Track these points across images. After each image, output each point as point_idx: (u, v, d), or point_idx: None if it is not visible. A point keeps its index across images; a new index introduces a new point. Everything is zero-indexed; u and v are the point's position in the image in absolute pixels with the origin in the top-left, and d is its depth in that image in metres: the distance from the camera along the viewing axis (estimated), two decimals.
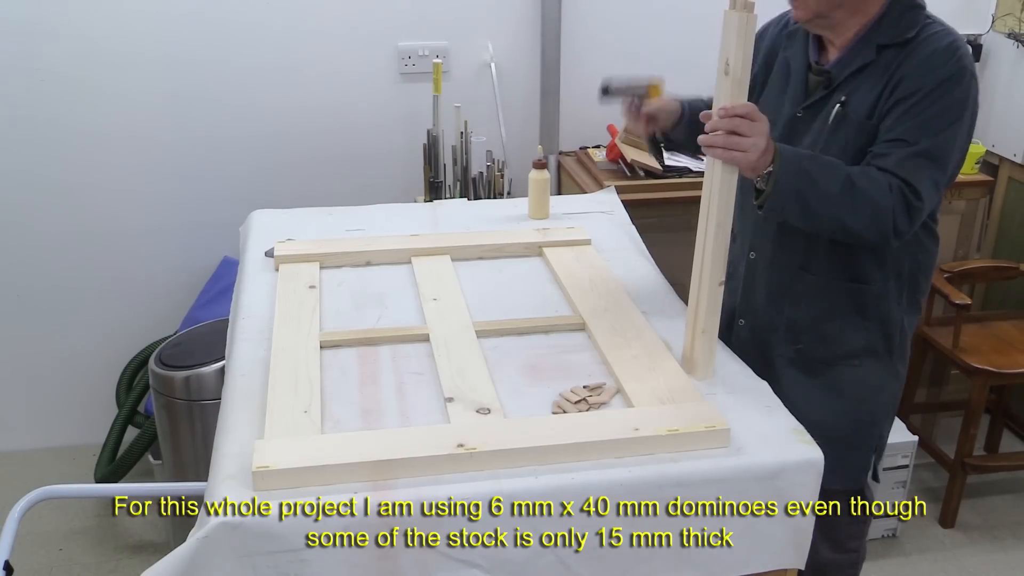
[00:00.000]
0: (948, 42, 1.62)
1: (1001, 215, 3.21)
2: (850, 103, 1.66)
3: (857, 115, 1.65)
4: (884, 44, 1.64)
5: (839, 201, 1.55)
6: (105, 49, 2.74)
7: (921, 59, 1.60)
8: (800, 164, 1.55)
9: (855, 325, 1.77)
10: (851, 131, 1.65)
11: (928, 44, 1.62)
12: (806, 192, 1.55)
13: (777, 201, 1.56)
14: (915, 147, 1.58)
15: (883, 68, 1.64)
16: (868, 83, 1.65)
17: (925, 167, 1.58)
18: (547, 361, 1.60)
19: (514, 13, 2.94)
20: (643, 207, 2.51)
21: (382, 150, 3.00)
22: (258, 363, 1.57)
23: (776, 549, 1.38)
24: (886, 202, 1.56)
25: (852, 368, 1.78)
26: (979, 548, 2.73)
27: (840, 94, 1.68)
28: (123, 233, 2.93)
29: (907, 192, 1.57)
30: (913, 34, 1.63)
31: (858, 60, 1.66)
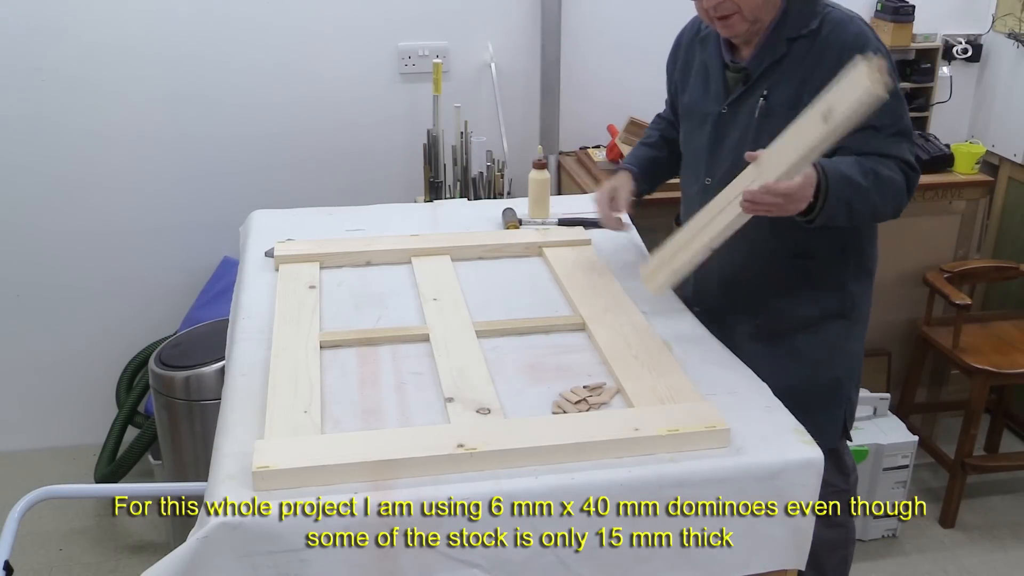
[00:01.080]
0: (855, 28, 1.72)
1: (1001, 215, 3.21)
2: (772, 96, 1.76)
3: (781, 107, 1.74)
4: (792, 37, 1.74)
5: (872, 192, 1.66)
6: (105, 49, 2.74)
7: (837, 52, 1.68)
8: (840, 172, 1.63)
9: (807, 297, 1.85)
10: (778, 122, 1.71)
11: (838, 33, 1.71)
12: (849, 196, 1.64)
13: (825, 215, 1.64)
14: (884, 131, 1.69)
15: (798, 60, 1.74)
16: (786, 76, 1.75)
17: (902, 142, 1.73)
18: (547, 361, 1.60)
19: (514, 13, 2.94)
20: (643, 207, 2.50)
21: (382, 150, 3.00)
22: (258, 363, 1.57)
23: (776, 549, 1.38)
24: (899, 178, 1.70)
25: (811, 335, 1.85)
26: (979, 548, 2.73)
27: (761, 88, 1.77)
28: (123, 233, 2.93)
29: (906, 168, 1.72)
30: (817, 23, 1.73)
31: (771, 55, 1.76)
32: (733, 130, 1.82)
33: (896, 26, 3.01)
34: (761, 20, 1.74)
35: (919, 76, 3.11)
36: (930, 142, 2.98)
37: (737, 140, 1.81)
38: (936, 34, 3.14)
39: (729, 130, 1.83)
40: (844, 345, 1.90)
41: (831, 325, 1.87)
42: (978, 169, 2.99)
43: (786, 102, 1.73)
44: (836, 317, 1.87)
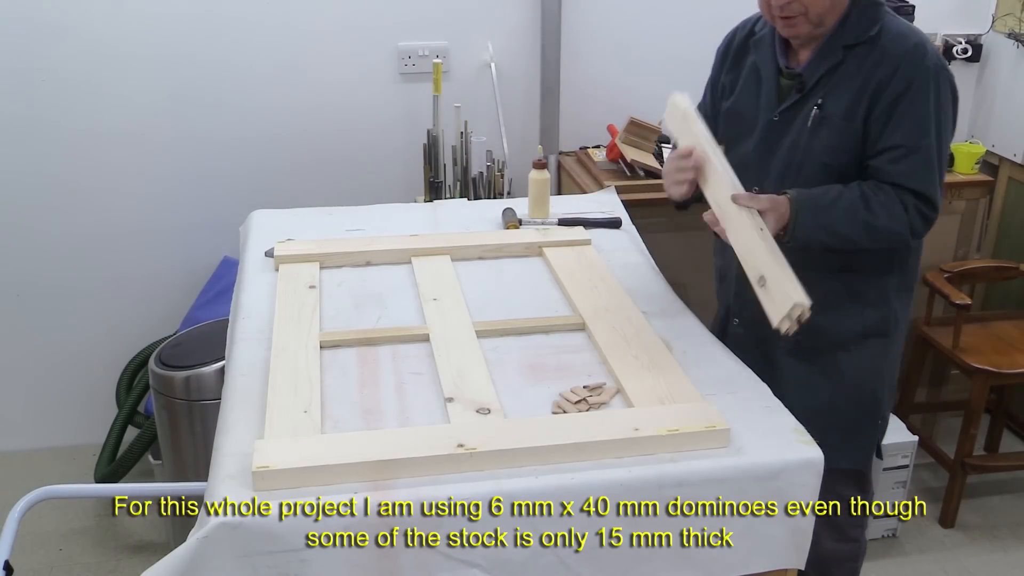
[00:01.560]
0: (915, 42, 1.68)
1: (1001, 215, 3.21)
2: (827, 105, 1.72)
3: (836, 116, 1.71)
4: (850, 44, 1.70)
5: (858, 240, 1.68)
6: (105, 49, 2.74)
7: (896, 62, 1.66)
8: (817, 220, 1.66)
9: (850, 312, 1.82)
10: (831, 132, 1.71)
11: (897, 45, 1.68)
12: (826, 240, 1.68)
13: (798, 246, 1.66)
14: (917, 152, 1.65)
15: (855, 68, 1.70)
16: (842, 84, 1.71)
17: (931, 170, 1.67)
18: (547, 361, 1.60)
19: (514, 13, 2.94)
20: (643, 207, 2.51)
21: (382, 150, 3.00)
22: (258, 363, 1.57)
23: (776, 549, 1.38)
24: (902, 227, 1.68)
25: (850, 353, 1.82)
26: (979, 548, 2.73)
27: (816, 96, 1.73)
28: (123, 233, 2.93)
29: (921, 205, 1.68)
30: (876, 31, 1.69)
31: (828, 62, 1.72)
32: (785, 139, 1.77)
33: None
34: (825, 24, 1.69)
35: None
36: None
37: (788, 149, 1.77)
38: (936, 34, 3.14)
39: (781, 138, 1.78)
40: (882, 364, 1.87)
41: (871, 343, 1.84)
42: (978, 169, 2.98)
43: (841, 112, 1.70)
44: (877, 335, 1.84)
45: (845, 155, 1.71)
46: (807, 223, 1.66)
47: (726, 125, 1.91)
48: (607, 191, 2.48)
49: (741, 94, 1.86)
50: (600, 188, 2.62)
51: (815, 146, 1.73)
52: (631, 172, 2.75)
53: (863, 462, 1.92)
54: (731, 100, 1.89)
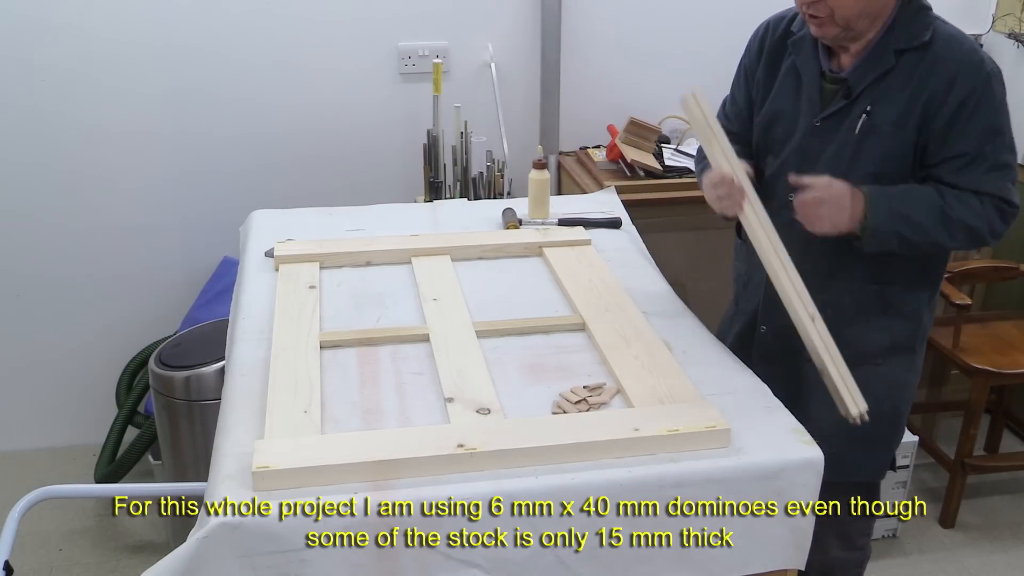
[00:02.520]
0: (969, 47, 1.64)
1: None
2: (876, 112, 1.66)
3: (886, 124, 1.65)
4: (902, 49, 1.64)
5: (936, 231, 1.63)
6: (105, 49, 2.74)
7: (953, 70, 1.62)
8: (892, 206, 1.62)
9: (879, 324, 1.78)
10: (881, 140, 1.66)
11: (950, 50, 1.63)
12: (903, 231, 1.63)
13: (875, 243, 1.64)
14: (987, 160, 1.63)
15: (906, 74, 1.64)
16: (892, 90, 1.65)
17: (1005, 174, 1.65)
18: (547, 361, 1.60)
19: (514, 13, 2.94)
20: (643, 207, 2.51)
21: (382, 150, 3.00)
22: (258, 363, 1.57)
23: (776, 549, 1.38)
24: (980, 222, 1.64)
25: (877, 367, 1.78)
26: (979, 548, 2.73)
27: (864, 103, 1.67)
28: (123, 233, 2.93)
29: (1000, 203, 1.65)
30: (928, 37, 1.64)
31: (878, 67, 1.66)
32: (828, 146, 1.71)
33: None
34: (854, 29, 1.64)
35: None
36: None
37: (832, 158, 1.70)
38: None
39: (824, 146, 1.71)
40: (906, 378, 1.84)
41: (898, 358, 1.81)
42: None
43: (893, 120, 1.64)
44: (904, 350, 1.81)
45: (894, 165, 1.67)
46: (881, 211, 1.60)
47: (762, 130, 1.83)
48: (607, 191, 2.47)
49: (777, 97, 1.79)
50: (600, 188, 2.62)
51: (863, 155, 1.67)
52: (631, 172, 2.75)
53: (878, 474, 1.91)
54: (767, 103, 1.81)
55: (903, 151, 1.66)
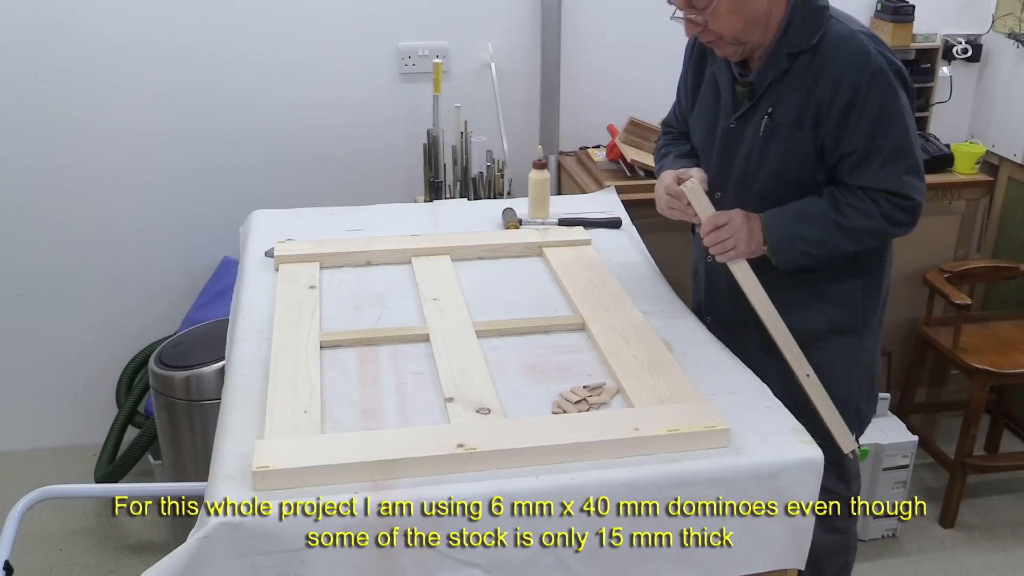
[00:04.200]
0: (856, 44, 1.67)
1: (1001, 215, 3.21)
2: (776, 113, 1.73)
3: (785, 124, 1.72)
4: (794, 52, 1.70)
5: (838, 243, 1.72)
6: (105, 48, 2.74)
7: (838, 70, 1.66)
8: (789, 230, 1.72)
9: (816, 310, 1.83)
10: (781, 140, 1.74)
11: (839, 49, 1.67)
12: (807, 250, 1.73)
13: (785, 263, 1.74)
14: (880, 154, 1.68)
15: (800, 75, 1.70)
16: (789, 92, 1.72)
17: (897, 168, 1.69)
18: (547, 361, 1.60)
19: (514, 13, 2.94)
20: (643, 207, 2.50)
21: (382, 150, 3.00)
22: (258, 363, 1.57)
23: (776, 549, 1.38)
24: (878, 222, 1.71)
25: (820, 350, 1.80)
26: (979, 548, 2.73)
27: (766, 104, 1.75)
28: (123, 233, 2.93)
29: (896, 199, 1.70)
30: (819, 38, 1.69)
31: (774, 70, 1.72)
32: (741, 145, 1.80)
33: (896, 26, 3.01)
34: (749, 41, 1.70)
35: (919, 76, 3.11)
36: (930, 142, 2.98)
37: (744, 156, 1.79)
38: (936, 34, 3.14)
39: (737, 145, 1.80)
40: (855, 360, 1.88)
41: (841, 340, 1.85)
42: (978, 169, 2.98)
43: (790, 120, 1.71)
44: (846, 332, 1.85)
45: (797, 163, 1.73)
46: (780, 236, 1.71)
47: (692, 129, 1.95)
48: (607, 191, 2.47)
49: (703, 102, 1.89)
50: (600, 188, 2.62)
51: (768, 154, 1.75)
52: (631, 172, 2.75)
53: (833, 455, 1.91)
54: (695, 106, 1.92)
55: (803, 150, 1.72)
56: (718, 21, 1.65)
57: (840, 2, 1.78)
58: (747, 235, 1.71)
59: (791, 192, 1.75)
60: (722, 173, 1.83)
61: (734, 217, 1.71)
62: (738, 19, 1.65)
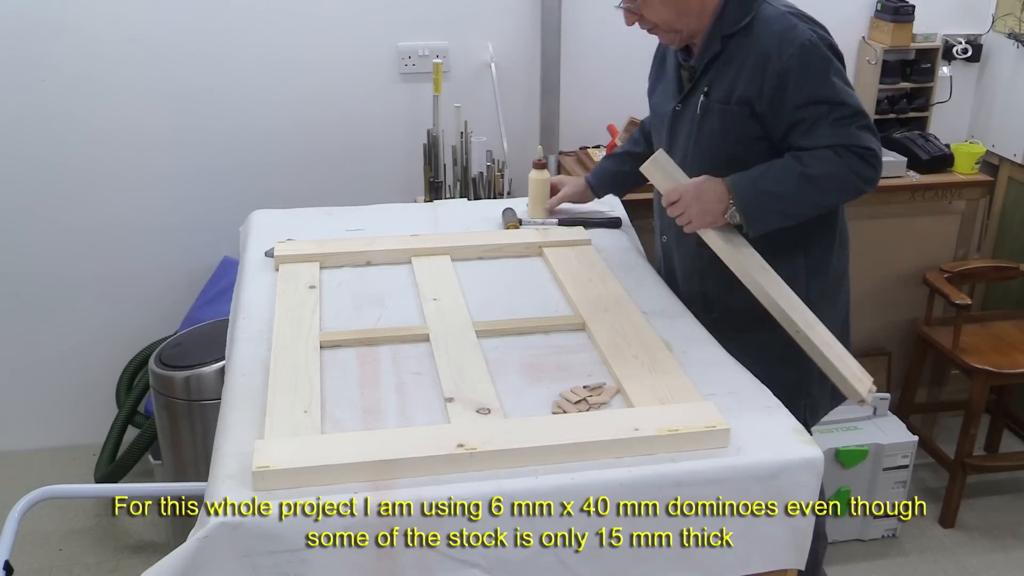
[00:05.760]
0: (784, 23, 1.74)
1: (1001, 215, 3.21)
2: (711, 93, 1.81)
3: (718, 102, 1.79)
4: (727, 34, 1.78)
5: (806, 195, 1.73)
6: (104, 48, 2.74)
7: (767, 46, 1.73)
8: (756, 188, 1.73)
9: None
10: (715, 117, 1.80)
11: (767, 29, 1.74)
12: (775, 206, 1.74)
13: (756, 226, 1.74)
14: (827, 118, 1.71)
15: (731, 55, 1.78)
16: (721, 72, 1.80)
17: (847, 124, 1.72)
18: (547, 361, 1.60)
19: (514, 13, 2.94)
20: (643, 207, 2.51)
21: (382, 150, 3.00)
22: (258, 363, 1.57)
23: (776, 549, 1.38)
24: (842, 171, 1.72)
25: (767, 332, 1.76)
26: (979, 548, 2.73)
27: (703, 85, 1.82)
28: (123, 232, 2.93)
29: (855, 150, 1.72)
30: (749, 20, 1.76)
31: (710, 52, 1.80)
32: (683, 126, 1.88)
33: (896, 26, 3.01)
34: (684, 30, 1.78)
35: (919, 76, 3.11)
36: (930, 142, 2.98)
37: (685, 135, 1.87)
38: (936, 34, 3.14)
39: (681, 126, 1.88)
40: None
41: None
42: (978, 169, 2.98)
43: (722, 98, 1.78)
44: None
45: (732, 138, 1.79)
46: (746, 195, 1.72)
47: (651, 120, 2.06)
48: None
49: (659, 91, 1.98)
50: None
51: (703, 131, 1.82)
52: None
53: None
54: (653, 97, 2.02)
55: (737, 126, 1.78)
56: (650, 10, 1.76)
57: (840, 2, 1.79)
58: (699, 209, 1.73)
59: (732, 170, 1.77)
60: (671, 154, 1.87)
61: (685, 192, 1.74)
62: (669, 8, 1.76)
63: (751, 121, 1.77)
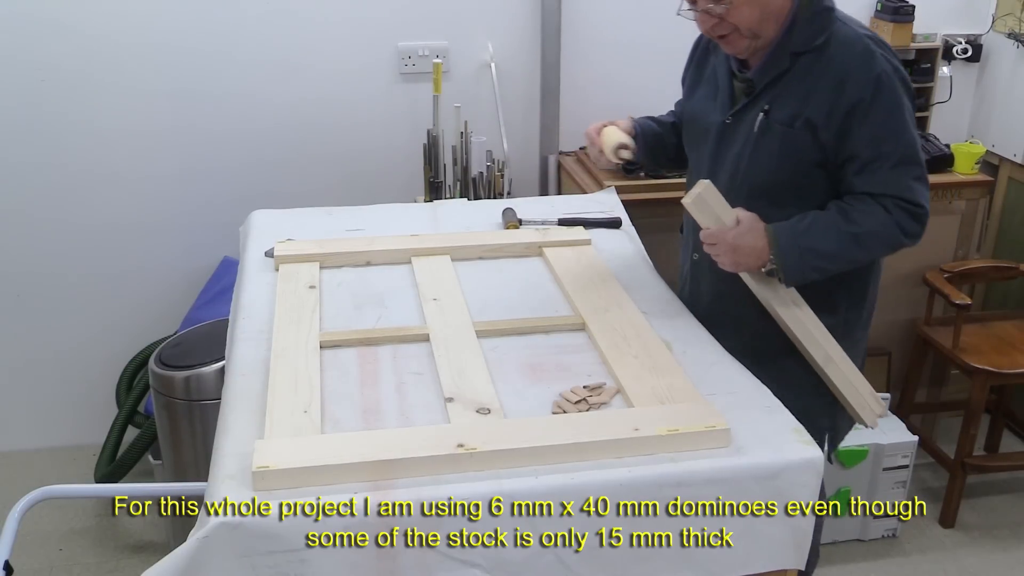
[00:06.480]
0: (862, 47, 1.66)
1: (1001, 215, 3.21)
2: (773, 112, 1.71)
3: (780, 123, 1.70)
4: (798, 52, 1.68)
5: (849, 253, 1.68)
6: (104, 48, 2.74)
7: (842, 73, 1.65)
8: (798, 244, 1.66)
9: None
10: (775, 138, 1.71)
11: (843, 52, 1.66)
12: (815, 263, 1.68)
13: (793, 280, 1.70)
14: (887, 159, 1.66)
15: (801, 76, 1.69)
16: (787, 91, 1.70)
17: (905, 173, 1.67)
18: (547, 361, 1.60)
19: (514, 13, 2.94)
20: (643, 207, 2.51)
21: (382, 150, 3.00)
22: (258, 363, 1.57)
23: (776, 549, 1.38)
24: (890, 229, 1.67)
25: (798, 358, 1.78)
26: (979, 548, 2.73)
27: (763, 102, 1.73)
28: (123, 232, 2.93)
29: (904, 204, 1.67)
30: (823, 39, 1.67)
31: (775, 68, 1.71)
32: (734, 143, 1.78)
33: (896, 26, 3.01)
34: (762, 35, 1.68)
35: (919, 76, 3.11)
36: (930, 142, 2.98)
37: (736, 154, 1.77)
38: (936, 34, 3.14)
39: (731, 142, 1.79)
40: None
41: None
42: (978, 169, 2.98)
43: (785, 119, 1.70)
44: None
45: (791, 163, 1.71)
46: (789, 253, 1.65)
47: (686, 126, 1.93)
48: (607, 191, 2.47)
49: (699, 99, 1.88)
50: (600, 188, 2.62)
51: (760, 153, 1.73)
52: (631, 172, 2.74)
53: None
54: (691, 102, 1.90)
55: (798, 150, 1.70)
56: (736, 12, 1.64)
57: (841, 2, 1.78)
58: (733, 260, 1.68)
59: (784, 193, 1.73)
60: (714, 171, 1.80)
61: (722, 240, 1.67)
62: (756, 10, 1.64)
63: (812, 147, 1.69)
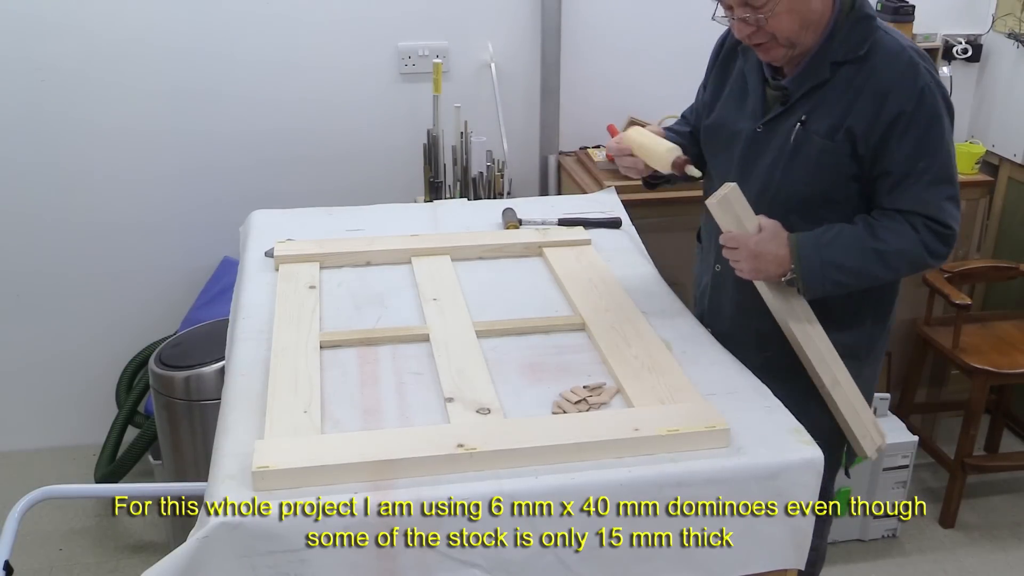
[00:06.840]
0: (906, 59, 1.61)
1: (1001, 215, 3.21)
2: (810, 122, 1.66)
3: (818, 134, 1.65)
4: (839, 61, 1.64)
5: (872, 269, 1.64)
6: (104, 48, 2.74)
7: (887, 85, 1.60)
8: (821, 255, 1.62)
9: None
10: (812, 150, 1.66)
11: (887, 63, 1.61)
12: (837, 277, 1.63)
13: (813, 293, 1.65)
14: (922, 176, 1.61)
15: (842, 87, 1.64)
16: (827, 101, 1.65)
17: (939, 192, 1.63)
18: (547, 361, 1.60)
19: (514, 13, 2.94)
20: (643, 207, 2.51)
21: (382, 150, 3.00)
22: (258, 363, 1.57)
23: (776, 549, 1.38)
24: (915, 248, 1.63)
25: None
26: (979, 548, 2.73)
27: (799, 112, 1.67)
28: (123, 233, 2.93)
29: (933, 225, 1.63)
30: (866, 50, 1.63)
31: (814, 78, 1.65)
32: (767, 152, 1.72)
33: (896, 26, 2.98)
34: (800, 44, 1.63)
35: None
36: None
37: (769, 164, 1.71)
38: (936, 34, 3.14)
39: (763, 151, 1.72)
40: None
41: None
42: (978, 169, 2.98)
43: (823, 131, 1.64)
44: (848, 357, 1.75)
45: (826, 176, 1.67)
46: (810, 259, 1.61)
47: (709, 133, 1.85)
48: (607, 191, 2.47)
49: (725, 106, 1.81)
50: (600, 188, 2.62)
51: (796, 164, 1.68)
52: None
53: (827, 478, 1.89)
54: (716, 107, 1.83)
55: (835, 163, 1.65)
56: (776, 21, 1.58)
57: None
58: (753, 267, 1.63)
59: (816, 205, 1.68)
60: (743, 180, 1.70)
61: (743, 245, 1.62)
62: (795, 19, 1.59)
63: (850, 159, 1.64)
